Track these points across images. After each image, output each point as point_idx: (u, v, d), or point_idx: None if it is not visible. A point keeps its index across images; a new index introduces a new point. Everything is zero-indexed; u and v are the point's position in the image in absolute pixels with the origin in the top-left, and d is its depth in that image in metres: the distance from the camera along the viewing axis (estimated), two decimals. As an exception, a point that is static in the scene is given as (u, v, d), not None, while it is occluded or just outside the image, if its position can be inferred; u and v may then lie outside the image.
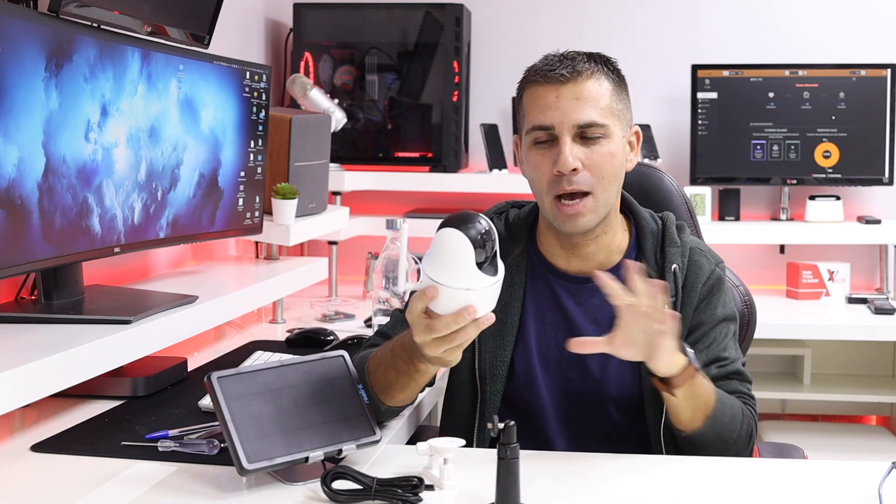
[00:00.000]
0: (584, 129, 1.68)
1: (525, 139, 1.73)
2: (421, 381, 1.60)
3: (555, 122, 1.68)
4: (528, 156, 1.72)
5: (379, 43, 3.46)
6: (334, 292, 3.26)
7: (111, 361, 1.72)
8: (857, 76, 3.46)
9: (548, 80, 1.69)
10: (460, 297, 1.42)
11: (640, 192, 1.98)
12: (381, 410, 1.64)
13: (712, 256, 1.81)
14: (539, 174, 1.71)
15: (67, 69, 1.71)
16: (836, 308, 3.30)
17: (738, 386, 1.74)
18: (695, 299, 1.75)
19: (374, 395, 1.63)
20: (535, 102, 1.70)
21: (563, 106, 1.67)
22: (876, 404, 3.52)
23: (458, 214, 1.45)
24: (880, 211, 3.56)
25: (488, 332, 1.75)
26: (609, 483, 1.52)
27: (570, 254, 1.77)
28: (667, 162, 3.50)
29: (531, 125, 1.70)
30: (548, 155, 1.69)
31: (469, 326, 1.44)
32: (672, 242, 1.77)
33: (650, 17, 3.62)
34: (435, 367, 1.57)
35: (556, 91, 1.68)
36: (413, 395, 1.66)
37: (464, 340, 1.46)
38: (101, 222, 1.85)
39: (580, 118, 1.67)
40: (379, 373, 1.62)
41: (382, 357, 1.62)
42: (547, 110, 1.68)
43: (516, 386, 1.78)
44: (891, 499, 1.43)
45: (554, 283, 1.79)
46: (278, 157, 2.53)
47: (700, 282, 1.76)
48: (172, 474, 1.50)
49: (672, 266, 1.75)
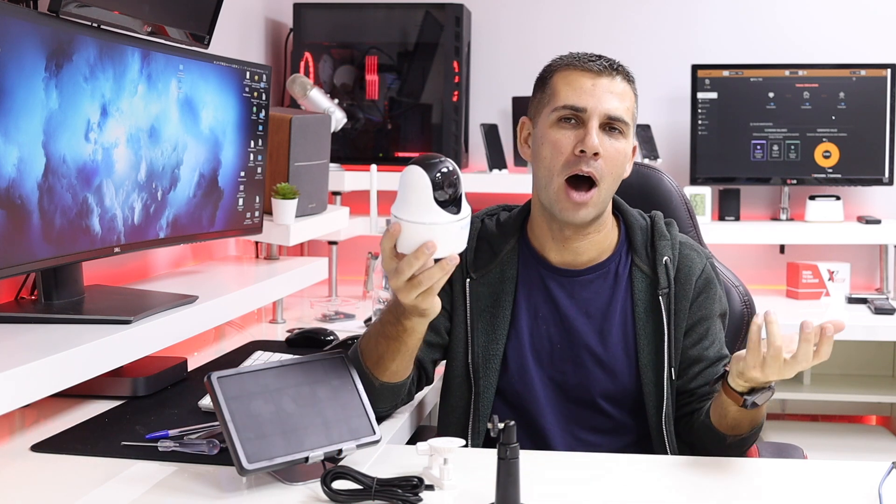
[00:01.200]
0: (611, 121, 1.73)
1: (548, 117, 1.75)
2: (410, 343, 1.61)
3: (588, 105, 1.72)
4: (549, 133, 1.75)
5: (379, 43, 3.46)
6: (334, 292, 3.26)
7: (111, 361, 1.72)
8: (857, 76, 3.46)
9: (586, 68, 1.74)
10: (418, 231, 1.46)
11: (640, 193, 1.98)
12: (375, 389, 1.64)
13: (702, 251, 1.85)
14: (556, 151, 1.73)
15: (67, 69, 1.71)
16: (836, 308, 3.30)
17: None
18: (690, 293, 1.78)
19: (368, 371, 1.64)
20: (569, 84, 1.74)
21: (598, 94, 1.72)
22: (876, 404, 3.53)
23: (424, 154, 1.50)
24: (880, 211, 3.56)
25: (481, 326, 1.78)
26: (609, 483, 1.53)
27: (561, 247, 1.79)
28: (667, 162, 3.50)
29: (562, 103, 1.73)
30: (570, 135, 1.73)
31: (434, 268, 1.47)
32: (661, 236, 1.81)
33: (650, 17, 3.62)
34: (420, 323, 1.58)
35: (594, 79, 1.73)
36: (405, 368, 1.67)
37: (431, 283, 1.49)
38: (101, 222, 1.85)
39: (611, 110, 1.72)
40: (370, 345, 1.65)
41: (372, 329, 1.66)
42: (582, 93, 1.73)
43: (510, 379, 1.80)
44: (891, 499, 1.43)
45: (545, 277, 1.81)
46: (278, 157, 2.53)
47: (694, 275, 1.79)
48: (172, 474, 1.50)
49: (663, 258, 1.78)
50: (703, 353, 1.78)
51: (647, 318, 1.77)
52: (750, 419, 1.64)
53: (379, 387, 1.65)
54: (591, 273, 1.80)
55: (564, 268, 1.80)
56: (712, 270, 1.82)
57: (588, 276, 1.80)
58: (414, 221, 1.46)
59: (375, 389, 1.65)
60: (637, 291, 1.78)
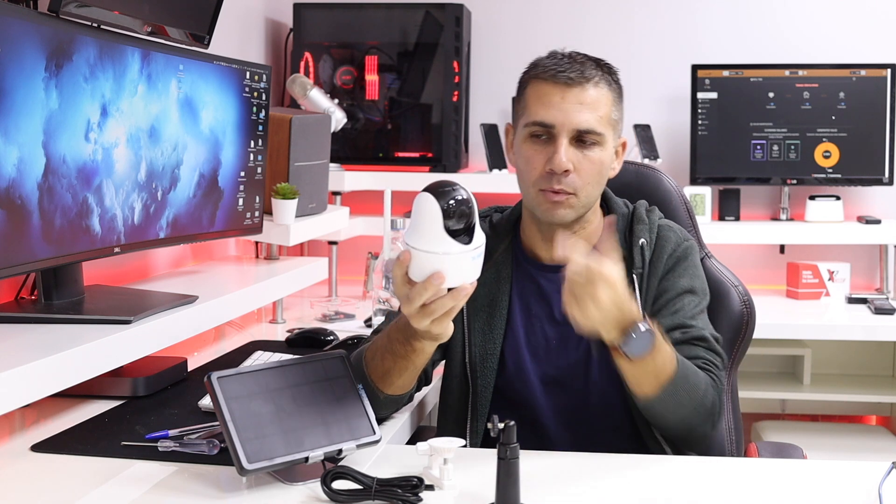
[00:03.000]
0: (581, 134, 1.71)
1: (521, 131, 1.76)
2: (418, 362, 1.61)
3: (556, 121, 1.71)
4: (522, 148, 1.76)
5: (379, 43, 3.46)
6: (334, 292, 3.26)
7: (111, 361, 1.72)
8: (857, 76, 3.46)
9: (555, 80, 1.72)
10: (428, 260, 1.44)
11: (640, 193, 1.98)
12: (380, 400, 1.65)
13: (681, 232, 1.83)
14: (530, 167, 1.74)
15: (67, 69, 1.71)
16: (836, 308, 3.30)
17: (702, 352, 1.72)
18: (660, 270, 1.78)
19: (373, 384, 1.64)
20: (539, 99, 1.73)
21: (566, 108, 1.71)
22: (876, 404, 3.52)
23: (439, 181, 1.48)
24: (880, 211, 3.56)
25: (478, 326, 1.79)
26: (609, 483, 1.53)
27: (550, 246, 1.80)
28: (667, 162, 3.50)
29: (531, 119, 1.73)
30: (542, 151, 1.73)
31: (446, 298, 1.46)
32: (640, 220, 1.81)
33: (650, 17, 3.62)
34: (430, 345, 1.58)
35: (562, 92, 1.71)
36: (410, 382, 1.67)
37: (443, 311, 1.47)
38: (101, 222, 1.85)
39: (581, 123, 1.71)
40: (377, 360, 1.64)
41: (380, 344, 1.64)
42: (550, 109, 1.71)
43: (507, 378, 1.81)
44: (891, 499, 1.43)
45: (537, 275, 1.82)
46: (278, 157, 2.53)
47: (666, 253, 1.79)
48: (172, 474, 1.50)
49: (639, 241, 1.78)
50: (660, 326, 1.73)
51: None
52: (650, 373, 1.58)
53: (384, 399, 1.67)
54: None
55: (554, 265, 1.81)
56: (688, 249, 1.80)
57: None
58: (424, 251, 1.44)
59: (380, 401, 1.66)
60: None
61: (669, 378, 1.60)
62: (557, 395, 1.79)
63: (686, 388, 1.63)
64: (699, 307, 1.78)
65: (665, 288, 1.77)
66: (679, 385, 1.61)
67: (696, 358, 1.71)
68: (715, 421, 1.70)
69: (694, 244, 1.84)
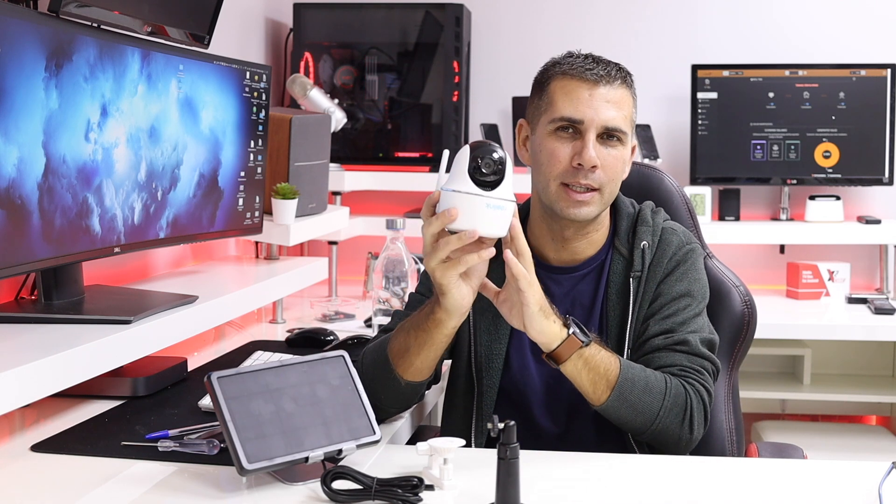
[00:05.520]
0: (609, 131, 1.73)
1: (545, 127, 1.76)
2: (437, 337, 1.62)
3: (585, 117, 1.72)
4: (546, 141, 1.76)
5: (379, 43, 3.46)
6: (334, 292, 3.26)
7: (111, 361, 1.72)
8: (857, 76, 3.46)
9: (583, 77, 1.74)
10: (446, 198, 1.52)
11: (641, 193, 1.98)
12: (401, 388, 1.67)
13: (685, 235, 1.83)
14: (554, 161, 1.74)
15: (67, 69, 1.71)
16: (836, 308, 3.30)
17: (681, 358, 1.71)
18: (660, 274, 1.78)
19: (393, 366, 1.66)
20: (567, 94, 1.74)
21: (595, 104, 1.72)
22: (876, 404, 3.52)
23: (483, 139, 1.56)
24: (880, 211, 3.56)
25: (484, 326, 1.79)
26: (610, 483, 1.53)
27: (560, 247, 1.81)
28: (667, 162, 3.50)
29: (559, 115, 1.74)
30: (568, 145, 1.74)
31: (451, 238, 1.51)
32: (643, 222, 1.82)
33: (650, 17, 3.62)
34: (449, 317, 1.59)
35: (590, 89, 1.73)
36: (428, 366, 1.67)
37: (446, 251, 1.52)
38: (101, 222, 1.85)
39: (608, 120, 1.73)
40: (400, 336, 1.67)
41: (406, 322, 1.68)
42: (579, 105, 1.73)
43: (512, 378, 1.81)
44: (891, 499, 1.43)
45: (543, 276, 1.81)
46: (278, 157, 2.53)
47: (666, 257, 1.79)
48: (172, 474, 1.50)
49: (641, 243, 1.79)
50: (647, 331, 1.75)
51: (618, 301, 1.78)
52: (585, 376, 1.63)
53: (405, 386, 1.67)
54: (585, 268, 1.82)
55: (561, 266, 1.82)
56: (690, 253, 1.80)
57: (583, 270, 1.82)
58: (444, 188, 1.52)
59: (402, 388, 1.67)
60: (612, 275, 1.79)
61: (615, 382, 1.63)
62: (560, 396, 1.79)
63: (637, 392, 1.64)
64: (694, 311, 1.78)
65: (661, 292, 1.78)
66: (628, 389, 1.63)
67: (672, 365, 1.71)
68: (693, 426, 1.68)
69: (697, 247, 1.83)
